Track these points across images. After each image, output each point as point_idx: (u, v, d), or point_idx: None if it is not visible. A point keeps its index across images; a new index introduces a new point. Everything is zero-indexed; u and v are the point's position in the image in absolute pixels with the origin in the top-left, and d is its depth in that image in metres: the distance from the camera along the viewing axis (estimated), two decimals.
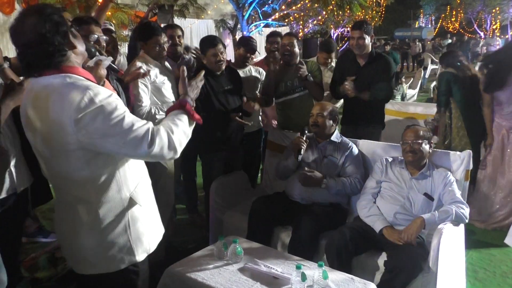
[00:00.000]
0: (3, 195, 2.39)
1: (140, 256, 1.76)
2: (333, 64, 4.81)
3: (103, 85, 2.12)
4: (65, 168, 1.61)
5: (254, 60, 4.64)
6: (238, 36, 12.19)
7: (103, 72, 2.24)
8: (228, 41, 12.39)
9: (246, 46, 4.02)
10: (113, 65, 2.94)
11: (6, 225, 2.48)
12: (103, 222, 1.65)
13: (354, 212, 3.11)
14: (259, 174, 4.48)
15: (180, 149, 1.68)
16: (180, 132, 1.70)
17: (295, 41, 3.75)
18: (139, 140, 1.56)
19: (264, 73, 4.12)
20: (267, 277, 2.28)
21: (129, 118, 1.57)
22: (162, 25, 3.73)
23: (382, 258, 2.68)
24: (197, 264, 2.42)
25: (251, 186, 3.88)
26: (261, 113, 4.23)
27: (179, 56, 3.93)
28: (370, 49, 3.74)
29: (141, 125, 1.58)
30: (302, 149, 3.10)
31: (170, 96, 3.32)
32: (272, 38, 4.23)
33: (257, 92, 4.10)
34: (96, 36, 2.91)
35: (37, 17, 1.52)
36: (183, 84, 1.86)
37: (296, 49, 3.74)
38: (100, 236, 1.66)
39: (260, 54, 5.63)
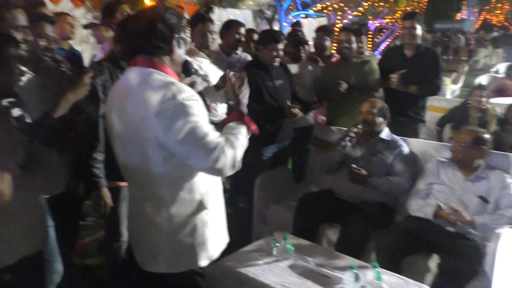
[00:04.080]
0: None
1: (203, 261, 1.72)
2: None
3: None
4: (142, 161, 1.61)
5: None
6: (275, 26, 12.06)
7: None
8: None
9: (292, 41, 3.96)
10: None
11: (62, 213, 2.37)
12: (171, 222, 1.64)
13: (403, 212, 3.05)
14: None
15: (239, 166, 1.64)
16: (241, 148, 1.66)
17: (352, 37, 3.70)
18: (207, 153, 1.54)
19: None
20: (318, 276, 2.27)
21: (205, 126, 1.56)
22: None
23: (432, 260, 2.62)
24: (247, 259, 2.44)
25: (297, 181, 3.83)
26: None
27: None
28: (419, 41, 3.67)
29: (213, 138, 1.56)
30: (348, 138, 3.01)
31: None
32: (320, 32, 4.17)
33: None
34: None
35: (154, 13, 1.61)
36: (234, 93, 1.82)
37: (354, 45, 3.70)
38: (167, 236, 1.66)
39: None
